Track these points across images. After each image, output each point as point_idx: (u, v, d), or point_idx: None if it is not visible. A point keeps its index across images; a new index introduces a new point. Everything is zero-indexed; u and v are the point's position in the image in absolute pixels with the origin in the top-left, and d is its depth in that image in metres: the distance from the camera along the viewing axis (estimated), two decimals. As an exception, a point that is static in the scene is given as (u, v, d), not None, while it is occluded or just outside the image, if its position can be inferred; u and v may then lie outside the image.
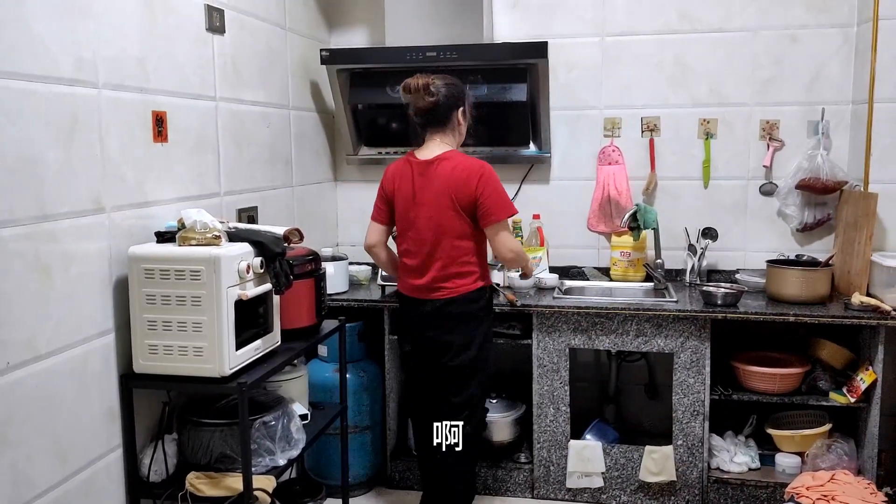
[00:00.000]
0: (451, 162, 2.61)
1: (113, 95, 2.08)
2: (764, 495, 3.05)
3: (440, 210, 2.60)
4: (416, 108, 2.64)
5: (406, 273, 2.72)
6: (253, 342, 2.19)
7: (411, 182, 2.65)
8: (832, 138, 3.35)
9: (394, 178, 2.72)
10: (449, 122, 2.67)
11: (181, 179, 2.41)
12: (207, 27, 2.56)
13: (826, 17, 3.31)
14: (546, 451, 3.18)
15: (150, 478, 2.16)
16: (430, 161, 2.63)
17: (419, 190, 2.63)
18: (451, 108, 2.65)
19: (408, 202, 2.66)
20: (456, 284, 2.63)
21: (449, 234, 2.60)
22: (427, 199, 2.61)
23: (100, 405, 2.04)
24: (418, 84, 2.61)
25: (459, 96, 2.68)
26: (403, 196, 2.67)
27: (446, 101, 2.63)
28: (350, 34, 3.75)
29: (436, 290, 2.64)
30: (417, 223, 2.64)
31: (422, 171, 2.63)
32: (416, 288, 2.68)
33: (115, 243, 2.09)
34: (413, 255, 2.67)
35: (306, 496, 2.91)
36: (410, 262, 2.69)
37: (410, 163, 2.68)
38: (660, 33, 3.47)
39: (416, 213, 2.64)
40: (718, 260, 3.51)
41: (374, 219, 2.79)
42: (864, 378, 2.91)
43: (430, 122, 2.66)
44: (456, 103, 2.66)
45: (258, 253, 2.18)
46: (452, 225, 2.60)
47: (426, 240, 2.62)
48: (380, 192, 2.78)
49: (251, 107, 2.89)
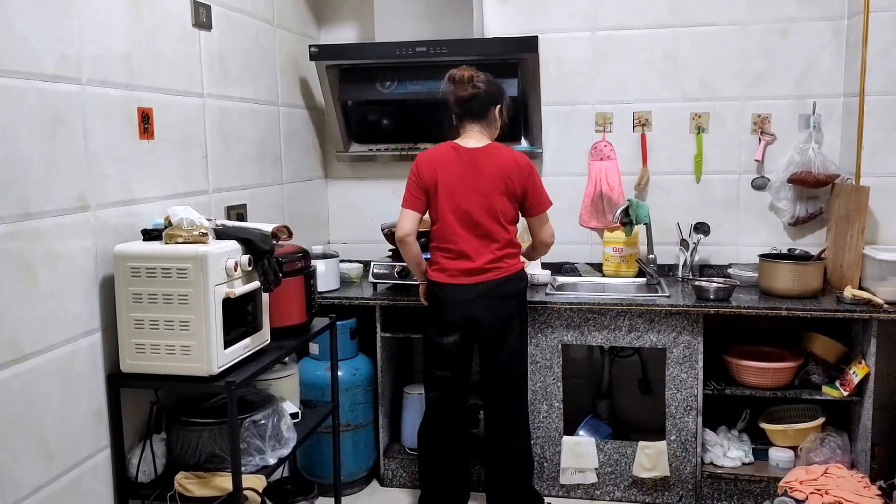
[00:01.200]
0: (502, 151, 2.72)
1: (97, 92, 2.06)
2: (757, 490, 3.04)
3: (496, 195, 2.67)
4: (458, 97, 2.72)
5: (450, 258, 2.71)
6: (241, 340, 2.17)
7: (461, 167, 2.69)
8: (824, 132, 3.34)
9: (434, 164, 2.72)
10: (486, 115, 2.74)
11: (168, 177, 2.39)
12: (194, 23, 2.54)
13: (817, 10, 3.30)
14: (539, 447, 3.17)
15: (138, 478, 2.14)
16: (482, 149, 2.70)
17: (471, 175, 2.68)
18: (490, 104, 2.74)
19: (456, 187, 2.68)
20: (508, 264, 2.72)
21: (502, 218, 2.69)
22: (481, 185, 2.67)
23: (87, 405, 2.02)
24: (463, 75, 2.71)
25: (499, 94, 2.77)
26: (450, 181, 2.69)
27: (487, 96, 2.72)
28: (339, 30, 3.73)
29: (490, 270, 2.68)
30: (469, 207, 2.67)
31: (472, 158, 2.69)
32: (465, 271, 2.69)
33: (100, 242, 2.06)
34: (462, 240, 2.68)
35: (298, 495, 2.89)
36: (456, 247, 2.69)
37: (457, 150, 2.72)
38: (651, 27, 3.46)
39: (468, 198, 2.67)
40: (711, 254, 3.50)
41: (410, 206, 2.74)
42: (856, 371, 2.91)
43: (468, 113, 2.73)
44: (495, 100, 2.75)
45: (246, 250, 2.16)
46: (506, 209, 2.69)
47: (480, 223, 2.67)
48: (415, 180, 2.74)
49: (239, 103, 2.87)
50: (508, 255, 2.72)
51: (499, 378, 2.79)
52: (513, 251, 2.74)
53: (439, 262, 2.75)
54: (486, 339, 2.74)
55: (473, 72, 2.72)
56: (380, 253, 3.51)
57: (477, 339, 2.75)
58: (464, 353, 2.77)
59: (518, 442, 2.84)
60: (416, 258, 2.82)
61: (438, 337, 2.76)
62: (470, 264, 2.68)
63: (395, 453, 3.36)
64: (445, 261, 2.73)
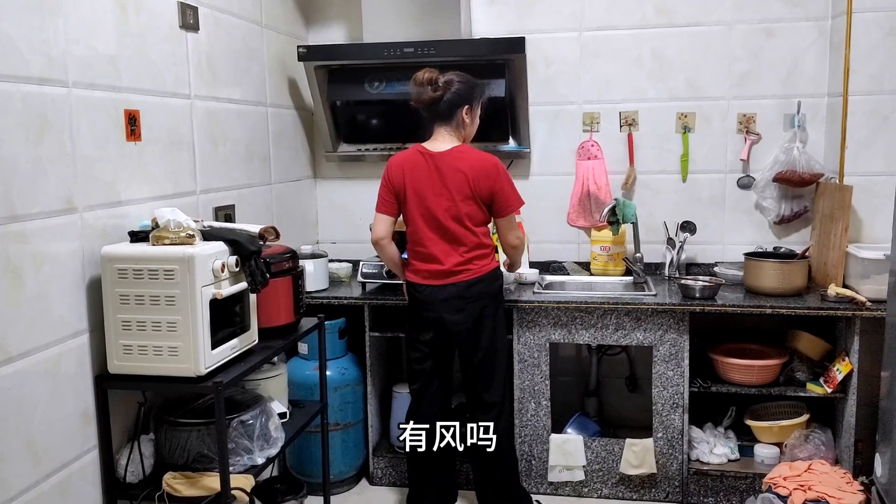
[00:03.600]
0: (467, 155, 2.69)
1: (84, 94, 2.06)
2: (743, 486, 3.07)
3: (461, 199, 2.66)
4: (419, 100, 2.70)
5: (421, 260, 2.74)
6: (229, 341, 2.18)
7: (427, 171, 2.69)
8: (808, 131, 3.37)
9: (403, 168, 2.73)
10: (453, 117, 2.71)
11: (155, 178, 2.39)
12: (181, 25, 2.54)
13: (801, 10, 3.33)
14: (527, 445, 3.19)
15: (126, 479, 2.15)
16: (446, 153, 2.69)
17: (437, 179, 2.68)
18: (455, 105, 2.69)
19: (424, 191, 2.69)
20: (478, 266, 2.71)
21: (468, 221, 2.68)
22: (446, 189, 2.66)
23: (74, 406, 2.03)
24: (423, 78, 2.68)
25: (466, 95, 2.71)
26: (418, 185, 2.70)
27: (451, 98, 2.67)
28: (327, 30, 3.73)
29: (459, 272, 2.69)
30: (436, 211, 2.68)
31: (438, 162, 2.68)
32: (435, 274, 2.70)
33: (87, 243, 2.07)
34: (431, 243, 2.70)
35: (288, 494, 2.90)
36: (426, 250, 2.71)
37: (423, 154, 2.71)
38: (637, 27, 3.48)
39: (435, 202, 2.68)
40: (697, 253, 3.53)
41: (382, 211, 2.77)
42: (840, 369, 2.94)
43: (433, 116, 2.72)
44: (461, 101, 2.69)
45: (233, 251, 2.17)
46: (471, 212, 2.68)
47: (447, 227, 2.67)
48: (385, 184, 2.77)
49: (227, 104, 2.87)
50: (477, 257, 2.71)
51: (475, 379, 2.81)
52: (482, 252, 2.73)
53: (413, 264, 2.79)
54: (459, 341, 2.76)
55: (435, 73, 2.68)
56: (369, 253, 3.51)
57: (451, 339, 2.76)
58: (441, 349, 2.79)
59: (499, 442, 2.82)
60: (393, 259, 2.84)
61: (415, 334, 2.81)
62: (439, 267, 2.70)
63: (384, 452, 3.37)
64: (418, 263, 2.76)
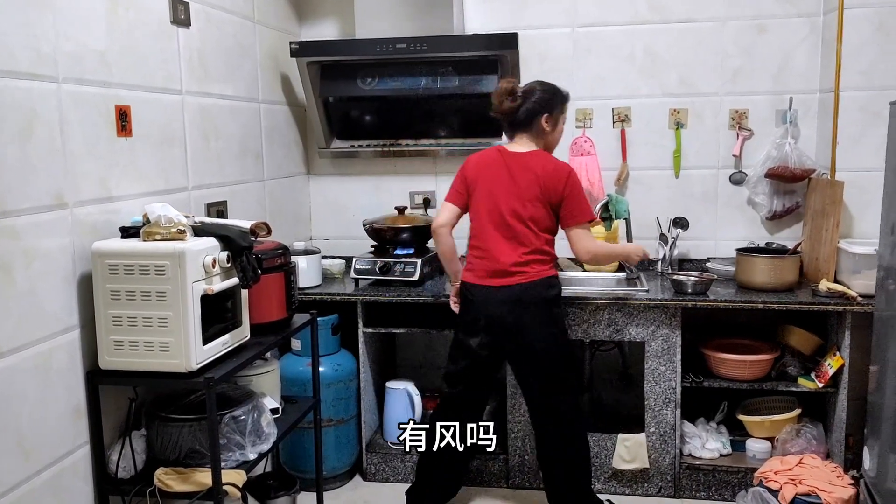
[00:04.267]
0: (542, 158, 2.71)
1: (74, 90, 2.06)
2: (735, 480, 3.08)
3: (529, 199, 2.67)
4: (500, 110, 2.73)
5: (479, 258, 2.73)
6: (221, 337, 2.18)
7: (502, 170, 2.71)
8: (800, 127, 3.38)
9: (479, 164, 2.77)
10: (532, 125, 2.72)
11: (146, 174, 2.39)
12: (172, 20, 2.54)
13: (793, 6, 3.34)
14: (520, 441, 3.20)
15: (118, 474, 2.15)
16: (523, 154, 2.71)
17: (508, 177, 2.69)
18: (534, 114, 2.71)
19: (493, 187, 2.71)
20: (534, 270, 2.69)
21: (533, 224, 2.68)
22: (516, 187, 2.67)
23: (66, 402, 2.03)
24: (504, 88, 2.71)
25: (545, 104, 2.72)
26: (490, 182, 2.72)
27: (532, 107, 2.70)
28: (320, 26, 3.73)
29: (515, 273, 2.68)
30: (502, 209, 2.69)
31: (512, 161, 2.71)
32: (491, 272, 2.70)
33: (78, 239, 2.07)
34: (492, 240, 2.70)
35: (280, 490, 2.90)
36: (485, 246, 2.71)
37: (502, 152, 2.74)
38: (630, 24, 3.48)
39: (503, 200, 2.69)
40: (690, 249, 3.54)
41: (450, 200, 2.81)
42: (831, 363, 2.96)
43: (513, 125, 2.75)
44: (540, 110, 2.71)
45: (224, 247, 2.17)
46: (538, 215, 2.68)
47: (510, 225, 2.68)
48: (461, 176, 2.81)
49: (219, 100, 2.87)
50: (536, 261, 2.69)
51: (533, 386, 2.79)
52: (542, 258, 2.71)
53: (470, 262, 2.78)
54: (510, 346, 2.73)
55: (514, 84, 2.72)
56: (362, 249, 3.52)
57: (502, 344, 2.74)
58: (488, 354, 2.76)
59: (570, 451, 2.79)
60: (448, 252, 2.83)
61: (464, 337, 2.78)
62: (496, 266, 2.69)
63: (377, 448, 3.38)
64: (476, 260, 2.75)
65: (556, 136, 2.81)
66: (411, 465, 3.31)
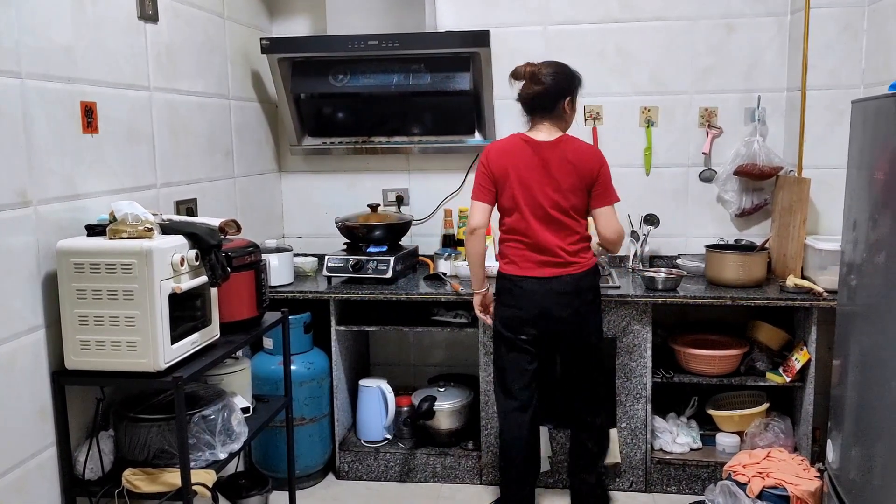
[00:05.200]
0: (573, 144, 2.68)
1: (38, 86, 2.02)
2: (705, 474, 3.12)
3: (569, 189, 2.64)
4: (523, 95, 2.68)
5: (527, 250, 2.68)
6: (190, 336, 2.16)
7: (533, 160, 2.65)
8: (768, 125, 3.43)
9: (504, 156, 2.69)
10: (555, 110, 2.68)
11: (113, 171, 2.36)
12: (139, 15, 2.50)
13: (762, 6, 3.38)
14: (494, 437, 3.21)
15: (85, 475, 2.12)
16: (553, 143, 2.66)
17: (543, 169, 2.64)
18: (557, 98, 2.67)
19: (530, 180, 2.65)
20: (584, 259, 2.70)
21: (573, 212, 2.66)
22: (554, 179, 2.64)
23: (31, 403, 2.00)
24: (526, 72, 2.67)
25: (566, 85, 2.68)
26: (523, 174, 2.65)
27: (553, 91, 2.65)
28: (291, 22, 3.70)
29: (568, 264, 2.65)
30: (543, 201, 2.64)
31: (545, 152, 2.65)
32: (541, 263, 2.66)
33: (42, 237, 2.04)
34: (538, 233, 2.66)
35: (252, 489, 2.89)
36: (532, 240, 2.67)
37: (527, 142, 2.68)
38: (602, 22, 3.50)
39: (542, 192, 2.64)
40: (661, 245, 3.57)
41: (481, 199, 2.71)
42: (798, 358, 3.00)
43: (535, 110, 2.69)
44: (562, 93, 2.67)
45: (193, 245, 2.15)
46: (578, 204, 2.67)
47: (554, 217, 2.64)
48: (484, 172, 2.71)
49: (188, 97, 2.84)
50: (583, 250, 2.70)
51: (578, 379, 2.80)
52: (586, 245, 2.72)
53: (512, 255, 2.72)
54: (563, 335, 2.72)
55: (536, 67, 2.66)
56: (335, 246, 3.51)
57: (552, 334, 2.72)
58: (542, 348, 2.75)
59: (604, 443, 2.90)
60: (481, 256, 2.76)
61: (513, 333, 2.73)
62: (547, 258, 2.66)
63: (350, 446, 3.37)
64: (517, 252, 2.70)
65: (573, 118, 2.77)
66: (384, 463, 3.31)
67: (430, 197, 3.73)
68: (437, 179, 3.72)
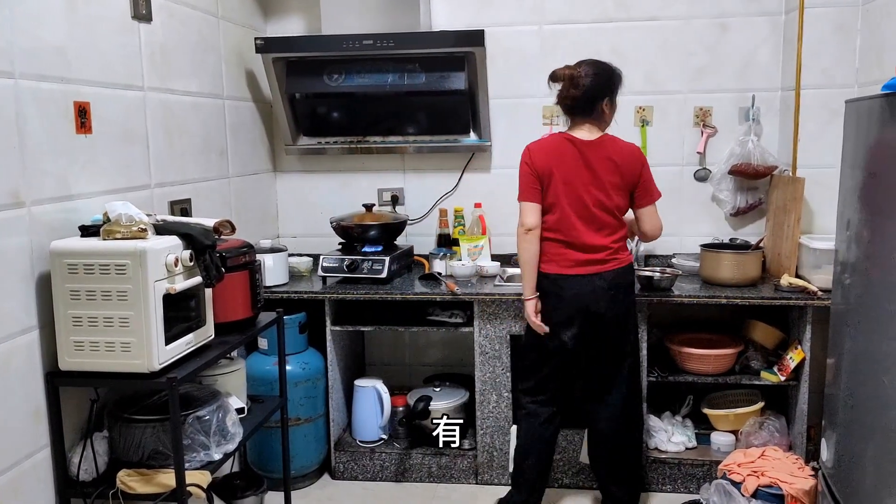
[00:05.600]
0: (615, 144, 2.70)
1: (31, 86, 2.02)
2: (700, 473, 3.13)
3: (611, 187, 2.67)
4: (561, 97, 2.71)
5: (570, 249, 2.69)
6: (184, 336, 2.15)
7: (576, 159, 2.67)
8: (762, 124, 3.44)
9: (548, 155, 2.70)
10: (594, 111, 2.69)
11: (107, 172, 2.35)
12: (133, 15, 2.50)
13: (756, 5, 3.38)
14: (489, 436, 3.21)
15: (79, 477, 2.11)
16: (595, 142, 2.69)
17: (586, 169, 2.67)
18: (595, 99, 2.68)
19: (573, 179, 2.67)
20: (624, 256, 2.74)
21: (617, 211, 2.70)
22: (598, 179, 2.66)
23: (25, 404, 1.99)
24: (564, 75, 2.69)
25: (605, 86, 2.70)
26: (567, 173, 2.67)
27: (591, 93, 2.67)
28: (286, 22, 3.70)
29: (608, 261, 2.68)
30: (587, 200, 2.67)
31: (587, 151, 2.67)
32: (583, 262, 2.68)
33: (36, 238, 2.03)
34: (581, 232, 2.67)
35: (248, 490, 2.88)
36: (576, 239, 2.68)
37: (570, 141, 2.69)
38: (597, 21, 3.51)
39: (586, 191, 2.66)
40: (655, 245, 3.57)
41: (531, 199, 2.70)
42: (793, 357, 3.01)
43: (574, 112, 2.72)
44: (601, 94, 2.68)
45: (187, 245, 2.14)
46: (621, 202, 2.70)
47: (596, 216, 2.67)
48: (529, 172, 2.71)
49: (182, 97, 2.83)
50: (622, 248, 2.74)
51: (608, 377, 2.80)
52: (624, 244, 2.77)
53: (555, 255, 2.72)
54: (607, 334, 2.74)
55: (574, 70, 2.68)
56: (329, 246, 3.51)
57: (597, 333, 2.73)
58: (576, 348, 2.75)
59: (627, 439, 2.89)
60: (535, 257, 2.71)
61: (555, 332, 2.73)
62: (591, 255, 2.68)
63: (346, 446, 3.36)
64: (558, 251, 2.71)
65: (612, 117, 2.79)
66: (380, 463, 3.31)
67: (425, 197, 3.73)
68: (432, 179, 3.72)
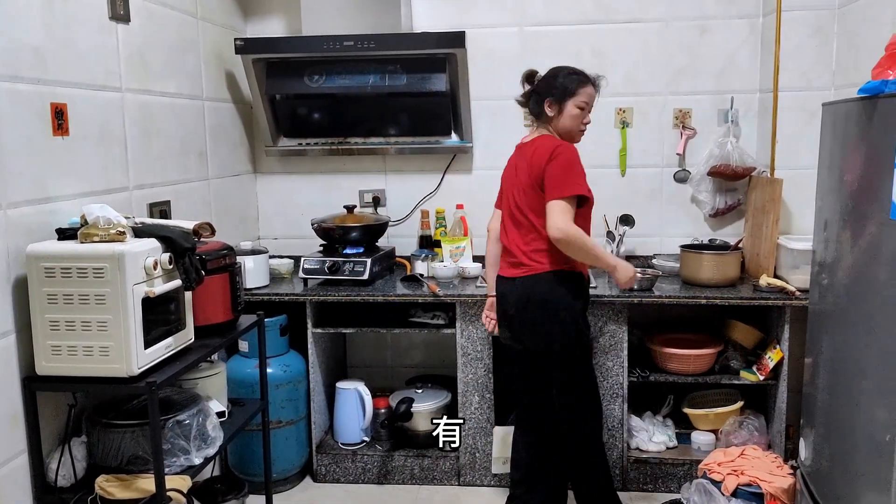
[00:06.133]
0: (538, 143, 2.66)
1: (6, 87, 1.99)
2: (681, 472, 3.15)
3: (526, 185, 2.63)
4: (520, 98, 2.77)
5: (503, 250, 2.77)
6: (164, 340, 2.13)
7: (511, 162, 2.78)
8: (741, 126, 3.47)
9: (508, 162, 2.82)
10: (540, 111, 2.68)
11: (85, 174, 2.33)
12: (111, 16, 2.47)
13: (734, 8, 3.41)
14: (471, 438, 3.21)
15: (57, 482, 2.09)
16: (529, 142, 2.72)
17: (514, 170, 2.73)
18: (541, 99, 2.67)
19: (506, 180, 2.79)
20: (538, 262, 2.62)
21: (532, 212, 2.62)
22: (517, 179, 2.69)
23: (1, 409, 1.97)
24: (524, 74, 2.75)
25: (547, 87, 2.65)
26: (506, 175, 2.79)
27: (538, 94, 2.68)
28: (266, 23, 3.68)
29: (521, 265, 2.65)
30: (510, 201, 2.72)
31: (518, 152, 2.75)
32: (508, 264, 2.72)
33: (12, 241, 2.00)
34: (504, 233, 2.75)
35: (229, 494, 2.86)
36: (503, 240, 2.75)
37: (517, 146, 2.79)
38: (577, 23, 3.52)
39: (510, 192, 2.73)
40: (636, 246, 3.59)
41: (496, 204, 2.90)
42: (772, 356, 3.04)
43: (530, 112, 2.76)
44: (545, 94, 2.65)
45: (166, 248, 2.13)
46: (531, 200, 2.61)
47: (516, 217, 2.69)
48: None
49: (161, 98, 2.81)
50: (537, 252, 2.61)
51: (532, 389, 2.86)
52: (547, 249, 2.59)
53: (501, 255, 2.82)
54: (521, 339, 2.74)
55: (531, 72, 2.73)
56: (311, 248, 3.49)
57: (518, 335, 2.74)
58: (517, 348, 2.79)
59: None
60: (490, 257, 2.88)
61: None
62: (509, 258, 2.71)
63: (328, 449, 3.35)
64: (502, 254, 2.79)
65: (566, 121, 2.63)
66: (362, 465, 3.30)
67: (406, 198, 3.73)
68: (413, 180, 3.71)
